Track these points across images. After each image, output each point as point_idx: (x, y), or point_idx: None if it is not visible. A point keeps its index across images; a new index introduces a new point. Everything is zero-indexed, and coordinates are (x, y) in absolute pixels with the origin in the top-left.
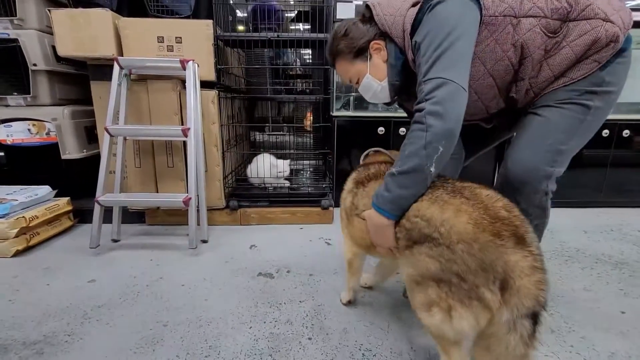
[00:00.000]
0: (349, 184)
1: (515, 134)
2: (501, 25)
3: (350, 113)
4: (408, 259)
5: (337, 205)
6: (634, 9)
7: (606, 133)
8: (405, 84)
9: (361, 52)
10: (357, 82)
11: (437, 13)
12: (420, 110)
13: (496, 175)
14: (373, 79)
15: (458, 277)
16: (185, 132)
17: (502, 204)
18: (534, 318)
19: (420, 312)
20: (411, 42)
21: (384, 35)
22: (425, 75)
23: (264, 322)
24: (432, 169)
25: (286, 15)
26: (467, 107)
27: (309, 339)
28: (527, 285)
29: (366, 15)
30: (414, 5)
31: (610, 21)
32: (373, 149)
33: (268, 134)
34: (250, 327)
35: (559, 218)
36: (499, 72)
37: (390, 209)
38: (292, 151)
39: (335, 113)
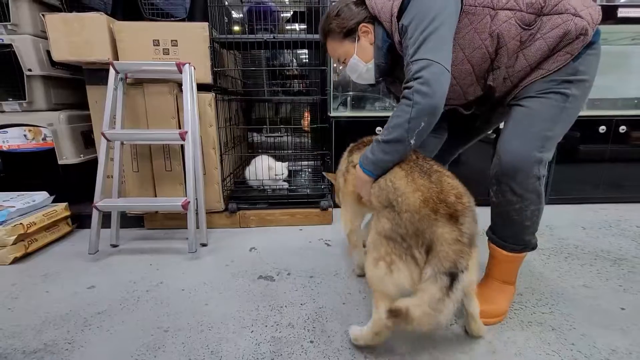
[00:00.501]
0: (345, 154)
1: (502, 126)
2: (480, 15)
3: (348, 113)
4: (375, 217)
5: (336, 206)
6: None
7: (603, 129)
8: (391, 66)
9: (350, 33)
10: (345, 62)
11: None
12: (409, 88)
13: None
14: (359, 60)
15: (401, 238)
16: (182, 136)
17: (456, 193)
18: (452, 276)
19: (370, 266)
20: (398, 25)
21: (373, 19)
22: (412, 56)
23: (266, 326)
24: (412, 141)
25: (282, 15)
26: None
27: (311, 342)
28: (447, 252)
29: (359, 0)
30: None
31: (580, 16)
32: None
33: (266, 136)
34: (252, 331)
35: (557, 214)
36: (477, 59)
37: (372, 169)
38: (290, 151)
39: (333, 114)
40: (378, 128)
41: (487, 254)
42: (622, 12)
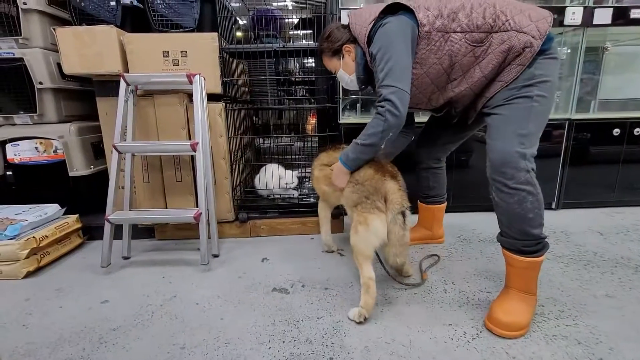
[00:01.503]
0: (317, 162)
1: (486, 136)
2: (434, 38)
3: (358, 120)
4: (345, 200)
5: (346, 213)
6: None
7: (617, 132)
8: (369, 77)
9: (337, 53)
10: (335, 73)
11: (384, 32)
12: (382, 107)
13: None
14: (344, 73)
15: (365, 198)
16: (194, 147)
17: (390, 165)
18: (403, 214)
19: (354, 236)
20: (368, 50)
21: (354, 40)
22: (382, 82)
23: (283, 342)
24: (382, 145)
25: (286, 22)
26: (412, 98)
27: (330, 358)
28: (396, 198)
29: (346, 22)
30: (375, 18)
31: (523, 32)
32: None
33: (276, 144)
34: (270, 348)
35: (572, 219)
36: (434, 74)
37: (351, 165)
38: (298, 156)
39: (342, 120)
40: None
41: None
42: (634, 14)
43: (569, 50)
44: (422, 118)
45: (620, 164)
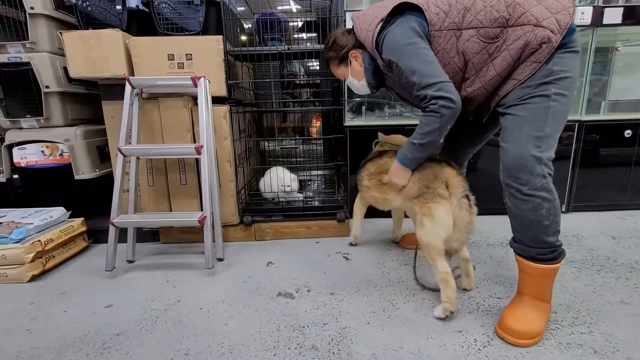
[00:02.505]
0: (364, 173)
1: (500, 138)
2: (446, 37)
3: (364, 122)
4: (404, 194)
5: (352, 216)
6: None
7: (628, 133)
8: (379, 80)
9: (343, 60)
10: (344, 80)
11: (394, 37)
12: (434, 104)
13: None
14: (354, 79)
15: (426, 187)
16: (198, 150)
17: (441, 157)
18: (467, 197)
19: (421, 232)
20: (379, 55)
21: (360, 45)
22: (420, 85)
23: (289, 349)
24: (441, 140)
25: (290, 24)
26: None
27: None
28: (456, 182)
29: (350, 27)
30: (381, 20)
31: (541, 26)
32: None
33: (280, 147)
34: (275, 355)
35: (583, 223)
36: (449, 74)
37: (410, 164)
38: (302, 159)
39: (348, 123)
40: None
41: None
42: None
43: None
44: None
45: (632, 166)
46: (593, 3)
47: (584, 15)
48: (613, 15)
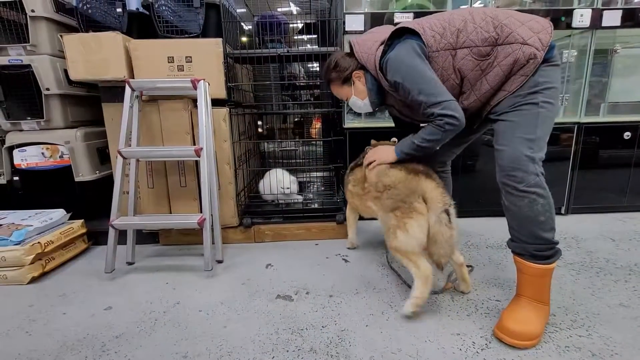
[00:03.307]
0: (348, 172)
1: (494, 142)
2: (443, 56)
3: (363, 124)
4: (379, 206)
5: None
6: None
7: (628, 135)
8: (382, 100)
9: (347, 80)
10: (347, 100)
11: (397, 60)
12: (440, 120)
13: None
14: (357, 99)
15: (401, 201)
16: (198, 152)
17: (422, 165)
18: (447, 212)
19: (392, 240)
20: (383, 75)
21: (362, 67)
22: (427, 104)
23: (287, 351)
24: (437, 147)
25: (291, 26)
26: None
27: None
28: (435, 196)
29: (350, 50)
30: (381, 44)
31: (527, 44)
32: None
33: (280, 149)
34: (273, 357)
35: (583, 225)
36: (448, 89)
37: (402, 157)
38: (301, 161)
39: (347, 125)
40: (393, 139)
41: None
42: None
43: (575, 53)
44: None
45: (632, 167)
46: (592, 5)
47: (583, 17)
48: (612, 17)
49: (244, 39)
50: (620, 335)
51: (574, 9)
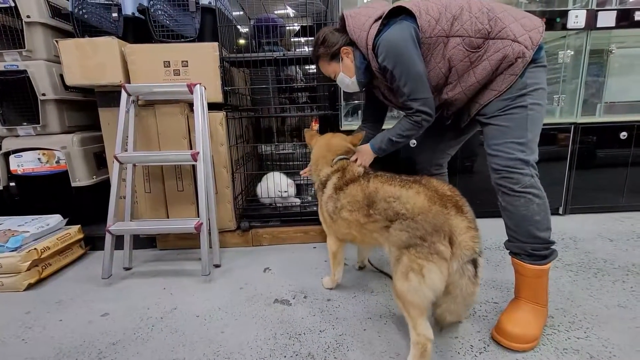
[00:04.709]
0: (328, 190)
1: (485, 146)
2: (435, 43)
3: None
4: (387, 239)
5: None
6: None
7: (624, 135)
8: (370, 80)
9: (335, 56)
10: (335, 77)
11: (392, 44)
12: (417, 116)
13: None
14: (345, 76)
15: (421, 239)
16: (194, 157)
17: (448, 187)
18: (474, 263)
19: (401, 282)
20: (374, 55)
21: (352, 43)
22: (410, 96)
23: (284, 356)
24: (411, 143)
25: (287, 29)
26: None
27: None
28: (465, 240)
29: (341, 24)
30: (375, 20)
31: (518, 41)
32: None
33: (277, 153)
34: None
35: (580, 225)
36: (434, 78)
37: (379, 153)
38: (299, 162)
39: (344, 127)
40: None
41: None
42: (638, 15)
43: (572, 53)
44: None
45: (628, 167)
46: (587, 6)
47: (578, 18)
48: (607, 18)
49: (241, 41)
50: (618, 337)
51: (569, 10)
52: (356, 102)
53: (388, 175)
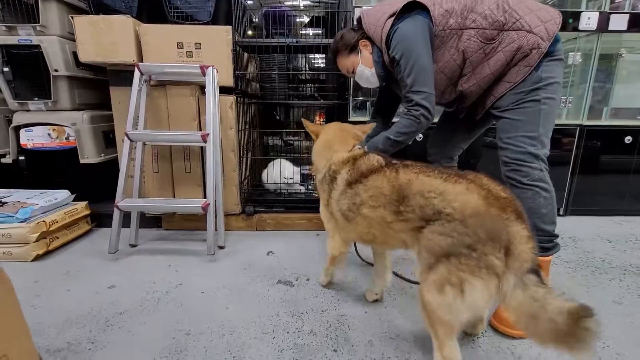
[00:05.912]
0: (339, 186)
1: (497, 138)
2: (449, 36)
3: (367, 118)
4: (418, 241)
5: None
6: None
7: (629, 139)
8: (387, 74)
9: (354, 49)
10: (353, 72)
11: (403, 35)
12: (416, 110)
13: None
14: (365, 67)
15: (469, 249)
16: (204, 138)
17: (501, 187)
18: (536, 272)
19: (433, 295)
20: (387, 51)
21: (368, 38)
22: (412, 87)
23: (287, 332)
24: (409, 142)
25: (298, 20)
26: None
27: (334, 350)
28: (525, 251)
29: (358, 23)
30: (390, 16)
31: (533, 32)
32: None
33: (286, 140)
34: (274, 337)
35: (580, 226)
36: (448, 70)
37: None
38: (305, 154)
39: (352, 119)
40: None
41: None
42: None
43: (581, 57)
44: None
45: (631, 172)
46: (600, 9)
47: (590, 20)
48: (619, 21)
49: (250, 32)
50: (612, 330)
51: (582, 11)
52: (361, 98)
53: (421, 165)
